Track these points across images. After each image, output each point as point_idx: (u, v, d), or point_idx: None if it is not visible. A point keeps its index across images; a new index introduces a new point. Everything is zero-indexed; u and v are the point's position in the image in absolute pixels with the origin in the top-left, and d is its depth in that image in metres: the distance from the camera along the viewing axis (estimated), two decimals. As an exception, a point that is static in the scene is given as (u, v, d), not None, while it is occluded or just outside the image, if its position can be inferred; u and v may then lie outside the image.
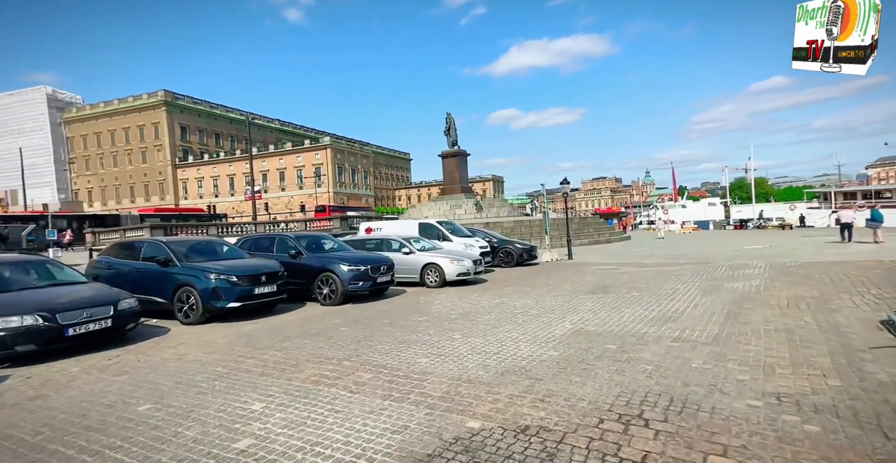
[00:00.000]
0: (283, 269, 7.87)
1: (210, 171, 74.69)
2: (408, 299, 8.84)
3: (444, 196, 36.53)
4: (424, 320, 6.62)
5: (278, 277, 7.51)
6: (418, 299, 8.77)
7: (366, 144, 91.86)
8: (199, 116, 76.92)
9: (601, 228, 31.23)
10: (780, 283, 8.76)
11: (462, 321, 6.43)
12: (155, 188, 75.49)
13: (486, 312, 7.04)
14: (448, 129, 36.60)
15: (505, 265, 15.32)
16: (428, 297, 9.09)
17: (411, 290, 10.27)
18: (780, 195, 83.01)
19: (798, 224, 36.67)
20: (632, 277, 10.92)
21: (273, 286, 7.29)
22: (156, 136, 73.17)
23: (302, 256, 8.78)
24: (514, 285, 10.36)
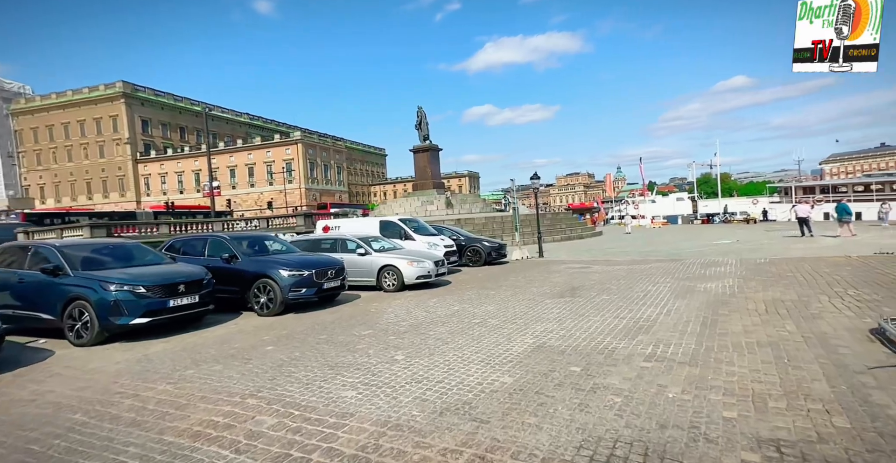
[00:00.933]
0: (211, 275, 6.81)
1: (174, 166, 70.92)
2: (358, 307, 7.92)
3: (415, 192, 35.52)
4: (368, 334, 5.74)
5: (202, 285, 6.45)
6: (369, 307, 7.86)
7: (339, 139, 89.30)
8: (162, 110, 72.73)
9: (573, 224, 31.03)
10: (754, 283, 8.34)
11: (410, 335, 5.59)
12: (114, 184, 71.11)
13: (441, 323, 6.22)
14: (419, 124, 35.54)
15: (473, 264, 14.58)
16: (381, 303, 8.20)
17: (366, 295, 9.35)
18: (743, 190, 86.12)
19: (761, 218, 37.67)
20: (602, 277, 10.36)
21: (195, 297, 6.23)
22: (114, 129, 68.77)
23: (237, 260, 7.71)
24: (478, 288, 9.61)
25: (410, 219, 14.63)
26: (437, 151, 36.14)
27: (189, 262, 7.55)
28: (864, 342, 4.41)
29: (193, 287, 6.24)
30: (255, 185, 70.40)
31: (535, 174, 17.84)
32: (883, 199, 27.70)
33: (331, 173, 77.94)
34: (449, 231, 15.53)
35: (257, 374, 4.27)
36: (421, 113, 35.49)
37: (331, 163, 78.27)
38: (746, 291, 7.51)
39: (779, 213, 40.60)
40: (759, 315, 5.78)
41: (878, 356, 3.97)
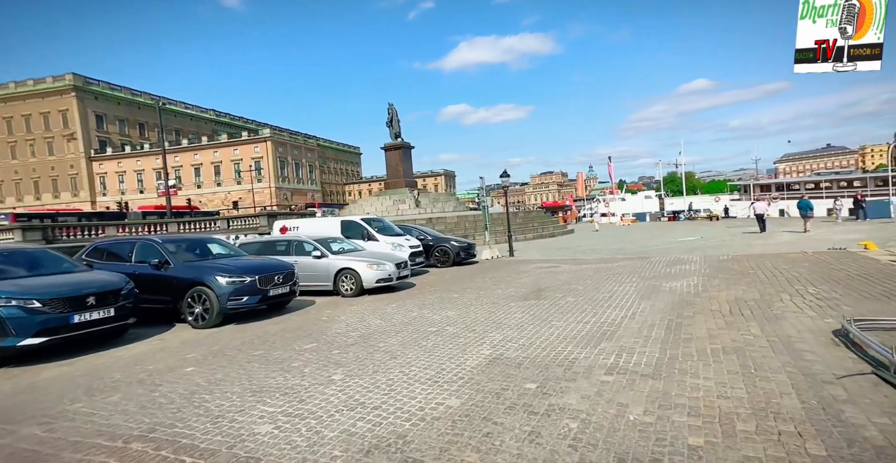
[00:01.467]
0: (133, 284, 6.04)
1: (133, 164, 67.13)
2: (308, 316, 7.28)
3: (387, 191, 34.74)
4: (311, 349, 5.16)
5: (120, 296, 5.68)
6: (321, 315, 7.24)
7: (310, 137, 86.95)
8: (119, 105, 68.38)
9: (546, 222, 31.08)
10: (717, 281, 8.23)
11: (357, 349, 5.05)
12: (66, 183, 66.64)
13: (395, 332, 5.71)
14: (390, 121, 34.76)
15: (441, 265, 14.12)
16: (336, 310, 7.59)
17: (322, 301, 8.71)
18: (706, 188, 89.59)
19: (723, 215, 38.99)
20: (569, 277, 10.10)
21: (108, 310, 5.46)
22: (65, 125, 64.29)
23: (168, 266, 6.92)
24: (442, 291, 9.14)
25: (375, 218, 14.02)
26: (409, 149, 35.46)
27: (113, 269, 6.71)
28: (828, 346, 4.20)
29: (107, 299, 5.48)
30: (223, 185, 67.59)
31: (505, 172, 17.54)
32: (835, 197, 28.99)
33: (302, 172, 75.83)
34: (417, 231, 15.02)
35: (161, 405, 3.63)
36: (392, 110, 34.72)
37: (302, 161, 76.14)
38: (710, 290, 7.37)
39: (739, 210, 42.19)
40: (723, 317, 5.56)
41: (845, 362, 3.74)
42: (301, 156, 75.92)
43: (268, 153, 67.46)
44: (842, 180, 39.98)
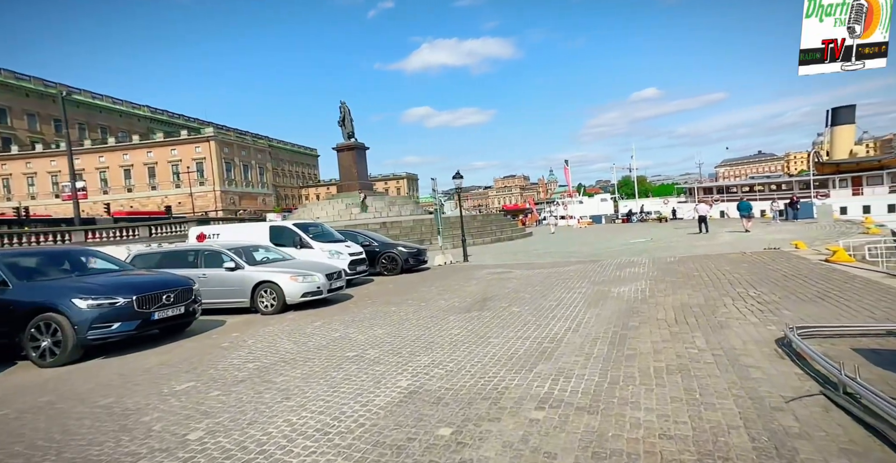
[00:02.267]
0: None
1: (46, 164, 60.54)
2: (207, 341, 6.24)
3: (340, 194, 33.35)
4: (183, 391, 4.17)
5: None
6: (224, 340, 6.22)
7: (260, 137, 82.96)
8: (28, 96, 60.78)
9: (504, 225, 31.01)
10: (664, 285, 8.04)
11: (245, 387, 4.16)
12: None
13: (304, 361, 4.88)
14: (343, 120, 33.46)
15: (388, 273, 13.32)
16: (245, 333, 6.59)
17: (234, 321, 7.65)
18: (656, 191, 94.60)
19: (671, 217, 40.83)
20: (519, 283, 9.66)
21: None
22: (-52, 118, 56.37)
23: (5, 288, 5.50)
24: (380, 303, 8.37)
25: (311, 224, 12.99)
26: (363, 150, 34.28)
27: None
28: (773, 359, 3.87)
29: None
30: (158, 188, 62.75)
31: (458, 173, 17.03)
32: (773, 199, 30.93)
33: (252, 174, 72.15)
34: (362, 237, 14.13)
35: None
36: (344, 108, 33.42)
37: (252, 163, 72.49)
38: (657, 295, 7.11)
39: (685, 212, 44.44)
40: (668, 327, 5.21)
41: (791, 379, 3.39)
42: (250, 157, 72.30)
43: (211, 154, 63.51)
44: (772, 184, 43.12)
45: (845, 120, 38.90)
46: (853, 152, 39.03)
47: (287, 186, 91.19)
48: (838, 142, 39.13)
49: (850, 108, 39.00)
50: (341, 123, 33.48)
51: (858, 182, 34.82)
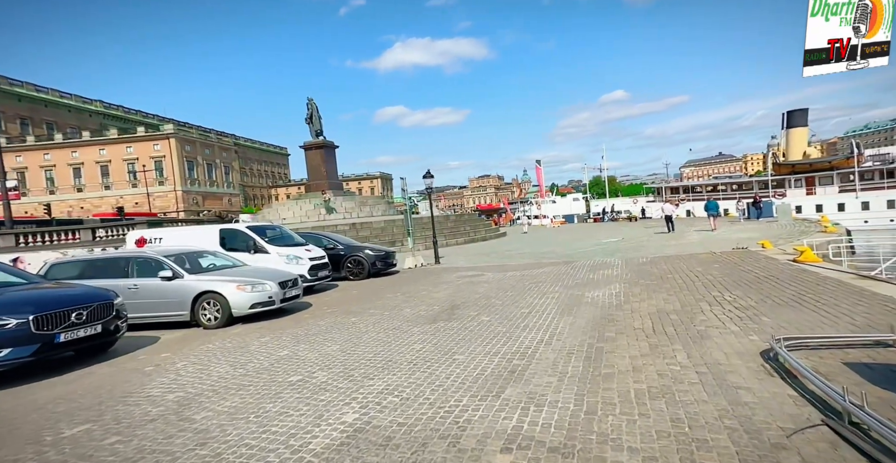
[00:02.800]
0: None
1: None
2: (128, 365, 5.38)
3: (308, 194, 32.09)
4: (76, 435, 3.36)
5: None
6: (150, 362, 5.37)
7: (225, 135, 79.57)
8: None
9: (478, 226, 30.66)
10: (638, 288, 7.76)
11: (154, 429, 3.44)
12: None
13: (237, 389, 4.18)
14: (310, 117, 32.22)
15: (354, 277, 12.60)
16: (178, 353, 5.76)
17: (171, 337, 6.79)
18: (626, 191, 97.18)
19: (641, 216, 41.72)
20: (490, 288, 9.19)
21: None
22: None
23: None
24: (340, 313, 7.70)
25: (269, 226, 12.10)
26: (332, 149, 33.15)
27: None
28: (762, 376, 3.52)
29: None
30: (112, 188, 58.99)
31: (428, 172, 16.46)
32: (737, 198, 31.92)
33: (216, 174, 69.09)
34: (327, 239, 13.35)
35: None
36: (312, 105, 32.18)
37: (216, 162, 69.43)
38: (632, 301, 6.78)
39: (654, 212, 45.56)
40: (646, 337, 4.83)
41: (786, 404, 3.02)
42: (214, 156, 69.28)
43: (171, 152, 60.32)
44: (734, 184, 44.84)
45: (799, 123, 40.88)
46: (806, 154, 41.05)
47: (256, 186, 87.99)
48: (793, 144, 41.07)
49: (803, 111, 41.02)
50: (309, 121, 32.24)
51: (811, 182, 36.63)
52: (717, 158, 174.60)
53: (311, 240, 13.27)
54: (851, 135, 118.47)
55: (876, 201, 32.84)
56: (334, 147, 33.35)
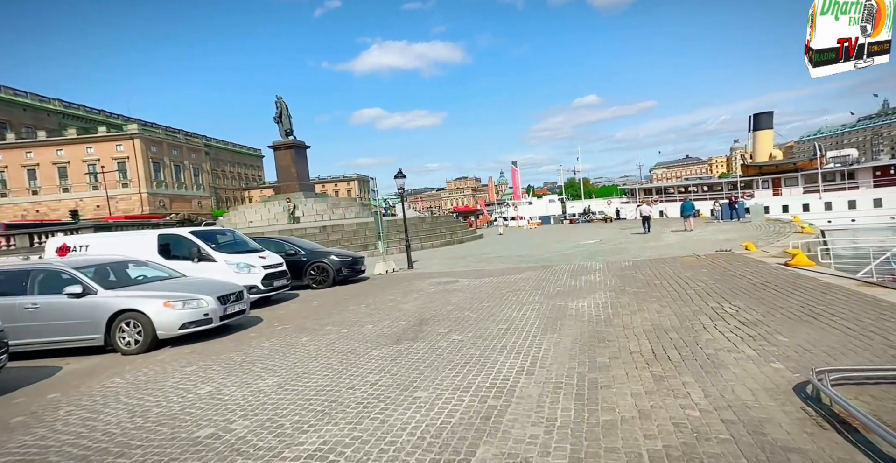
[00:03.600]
0: None
1: None
2: None
3: (278, 196, 30.49)
4: None
5: None
6: (27, 406, 4.19)
7: (195, 136, 76.06)
8: None
9: (454, 228, 29.78)
10: (626, 297, 7.02)
11: None
12: None
13: (118, 455, 3.11)
14: (279, 116, 30.62)
15: (318, 286, 11.49)
16: (71, 392, 4.57)
17: (77, 366, 5.56)
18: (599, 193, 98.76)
19: (615, 217, 41.89)
20: (464, 297, 8.30)
21: None
22: None
23: None
24: (290, 331, 6.63)
25: (220, 230, 10.87)
26: (303, 149, 31.63)
27: None
28: (810, 428, 2.72)
29: None
30: (71, 190, 55.32)
31: (400, 172, 15.47)
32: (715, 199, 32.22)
33: (185, 176, 65.98)
34: (288, 244, 12.16)
35: None
36: (281, 104, 30.60)
37: (185, 163, 66.34)
38: (622, 313, 6.02)
39: (628, 213, 45.93)
40: (647, 365, 4.02)
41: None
42: (183, 157, 66.19)
43: (136, 153, 57.16)
44: (705, 185, 45.70)
45: (765, 125, 41.98)
46: (772, 156, 42.18)
47: (228, 188, 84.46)
48: (759, 146, 42.13)
49: (768, 114, 42.16)
50: (278, 120, 30.63)
51: (778, 183, 37.55)
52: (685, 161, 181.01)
53: (271, 245, 12.07)
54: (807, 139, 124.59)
55: (838, 202, 33.87)
56: (305, 147, 31.87)
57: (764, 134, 42.04)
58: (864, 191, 33.60)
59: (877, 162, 39.78)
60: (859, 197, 33.34)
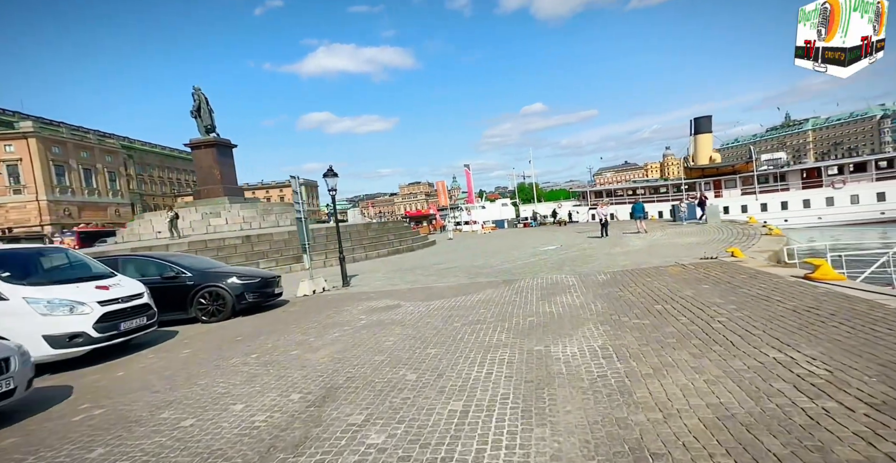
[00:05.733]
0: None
1: None
2: None
3: (197, 202, 26.25)
4: None
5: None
6: None
7: (108, 136, 67.23)
8: None
9: (404, 234, 27.12)
10: (631, 338, 4.91)
11: None
12: None
13: None
14: (198, 110, 26.38)
15: (210, 318, 8.55)
16: None
17: None
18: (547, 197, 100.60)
19: (568, 220, 41.40)
20: (403, 338, 5.84)
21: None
22: None
23: None
24: (91, 430, 3.80)
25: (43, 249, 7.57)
26: (228, 148, 27.58)
27: None
28: None
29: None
30: (-57, 197, 46.25)
31: (330, 169, 12.75)
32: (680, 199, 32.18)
33: (97, 180, 57.97)
34: (167, 264, 9.01)
35: None
36: (199, 96, 26.35)
37: (97, 167, 58.36)
38: (641, 374, 3.84)
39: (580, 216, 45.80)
40: None
41: None
42: (95, 160, 58.29)
43: (31, 154, 49.17)
44: (651, 187, 46.74)
45: (705, 129, 43.62)
46: (712, 158, 43.88)
47: (156, 195, 75.68)
48: (700, 149, 43.66)
49: (708, 118, 43.88)
50: (195, 114, 26.39)
51: (719, 185, 38.83)
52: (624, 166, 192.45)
53: (140, 265, 8.91)
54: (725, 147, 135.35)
55: (772, 202, 35.39)
56: (231, 146, 27.89)
57: (704, 137, 43.59)
58: (794, 192, 35.34)
59: (803, 165, 42.43)
60: (790, 198, 34.99)
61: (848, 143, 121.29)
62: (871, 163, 33.84)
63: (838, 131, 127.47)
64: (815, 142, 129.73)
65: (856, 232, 28.12)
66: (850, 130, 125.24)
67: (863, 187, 32.39)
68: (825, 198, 33.42)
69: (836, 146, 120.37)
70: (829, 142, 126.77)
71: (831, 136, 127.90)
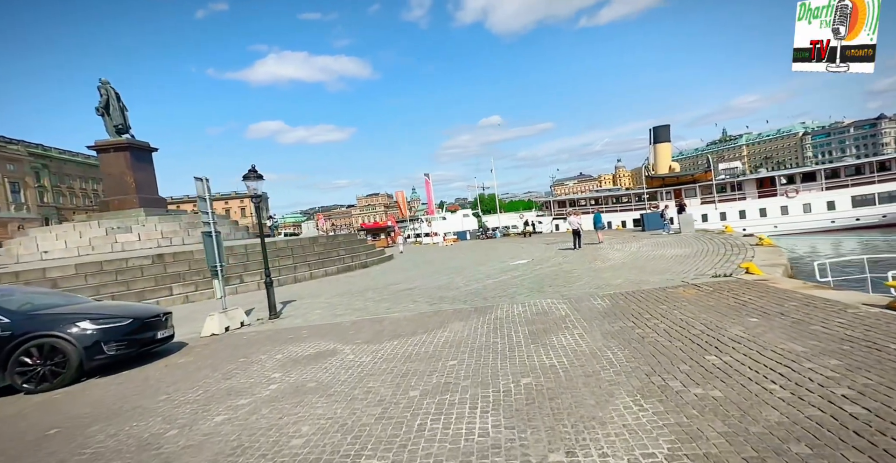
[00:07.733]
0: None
1: None
2: None
3: (106, 214, 22.05)
4: None
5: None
6: None
7: (13, 142, 58.53)
8: None
9: (357, 249, 24.31)
10: (694, 421, 2.83)
11: None
12: None
13: None
14: (106, 107, 22.30)
15: (37, 386, 5.64)
16: None
17: None
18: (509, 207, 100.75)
19: (533, 230, 40.30)
20: (325, 420, 3.41)
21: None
22: None
23: None
24: None
25: None
26: (146, 152, 23.59)
27: None
28: None
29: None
30: None
31: (253, 168, 10.09)
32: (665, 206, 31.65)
33: (-1, 191, 50.06)
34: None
35: None
36: (107, 90, 22.27)
37: (-2, 177, 50.55)
38: None
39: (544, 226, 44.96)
40: None
41: None
42: (-5, 168, 50.55)
43: None
44: (613, 196, 46.91)
45: (664, 138, 44.40)
46: (672, 168, 44.68)
47: (75, 208, 67.01)
48: (660, 158, 44.35)
49: (666, 127, 44.74)
50: (103, 112, 22.24)
51: (679, 194, 39.27)
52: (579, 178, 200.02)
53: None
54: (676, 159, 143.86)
55: (731, 211, 36.08)
56: (150, 150, 23.94)
57: (663, 147, 44.31)
58: (751, 201, 36.23)
59: (758, 174, 44.09)
60: (747, 207, 35.80)
61: (776, 157, 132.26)
62: (819, 172, 35.38)
63: (768, 146, 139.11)
64: (749, 156, 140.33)
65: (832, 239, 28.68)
66: (777, 145, 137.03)
67: (814, 196, 33.64)
68: (780, 206, 34.41)
69: (767, 160, 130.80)
70: (760, 156, 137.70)
71: (762, 151, 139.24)
